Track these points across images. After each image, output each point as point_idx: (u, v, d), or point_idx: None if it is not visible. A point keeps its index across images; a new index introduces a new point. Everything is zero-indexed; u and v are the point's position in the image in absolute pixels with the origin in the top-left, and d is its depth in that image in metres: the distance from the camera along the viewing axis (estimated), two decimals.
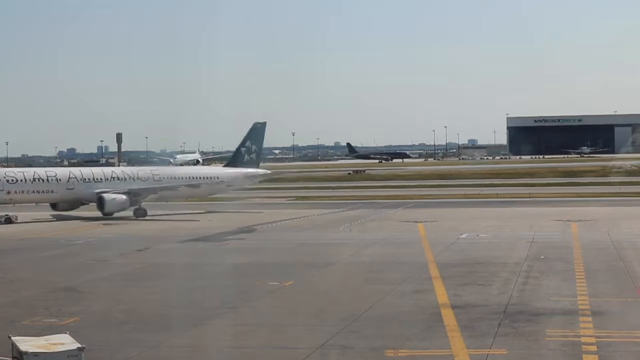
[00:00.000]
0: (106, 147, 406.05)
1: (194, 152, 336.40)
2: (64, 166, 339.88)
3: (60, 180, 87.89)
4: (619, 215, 76.34)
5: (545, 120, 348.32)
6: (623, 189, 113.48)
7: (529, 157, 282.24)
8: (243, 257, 52.38)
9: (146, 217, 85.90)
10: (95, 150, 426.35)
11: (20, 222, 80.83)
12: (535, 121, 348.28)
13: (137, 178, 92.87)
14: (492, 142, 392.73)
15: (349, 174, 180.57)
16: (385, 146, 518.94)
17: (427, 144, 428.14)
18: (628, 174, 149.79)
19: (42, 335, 24.15)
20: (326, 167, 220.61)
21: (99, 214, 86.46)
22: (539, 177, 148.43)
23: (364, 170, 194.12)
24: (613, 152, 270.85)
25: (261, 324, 31.71)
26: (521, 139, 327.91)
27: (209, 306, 35.69)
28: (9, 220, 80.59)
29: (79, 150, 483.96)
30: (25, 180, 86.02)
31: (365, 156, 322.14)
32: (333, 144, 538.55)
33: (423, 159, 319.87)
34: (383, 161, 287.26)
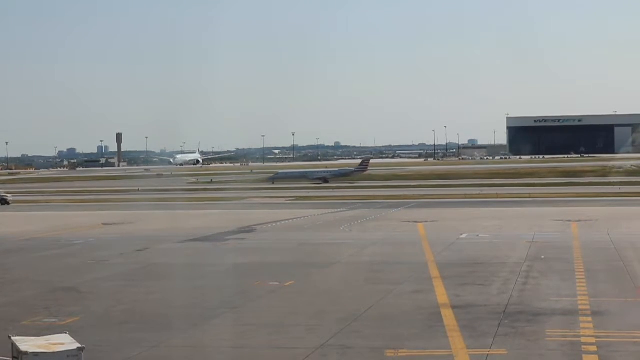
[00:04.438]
0: (106, 147, 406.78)
1: (194, 152, 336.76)
2: (64, 166, 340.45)
3: None
4: (619, 215, 76.32)
5: (546, 121, 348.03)
6: (623, 189, 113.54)
7: (529, 157, 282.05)
8: (243, 257, 52.39)
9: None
10: (95, 150, 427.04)
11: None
12: (536, 121, 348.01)
13: None
14: (492, 142, 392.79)
15: None
16: (385, 146, 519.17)
17: (427, 144, 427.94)
18: (628, 174, 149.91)
19: (42, 335, 24.16)
20: (326, 167, 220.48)
21: None
22: (539, 177, 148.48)
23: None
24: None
25: (261, 324, 31.72)
26: (521, 139, 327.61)
27: (209, 306, 35.69)
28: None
29: (79, 150, 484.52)
30: None
31: None
32: (333, 144, 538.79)
33: (423, 159, 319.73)
34: None
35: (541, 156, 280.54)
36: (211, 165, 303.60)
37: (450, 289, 38.39)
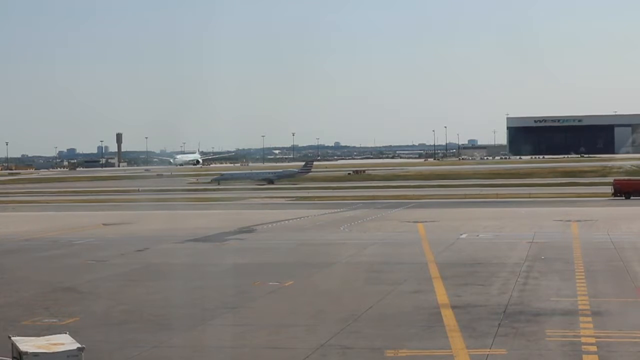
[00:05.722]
0: (106, 147, 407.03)
1: (194, 152, 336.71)
2: (64, 167, 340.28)
3: None
4: (619, 215, 76.32)
5: (546, 121, 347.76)
6: None
7: (529, 157, 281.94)
8: (243, 257, 52.37)
9: None
10: (95, 150, 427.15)
11: None
12: (536, 121, 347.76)
13: None
14: (492, 142, 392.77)
15: (349, 174, 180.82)
16: (386, 146, 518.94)
17: (427, 144, 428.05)
18: (628, 174, 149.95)
19: (42, 335, 24.16)
20: (326, 167, 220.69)
21: None
22: (539, 178, 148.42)
23: (364, 171, 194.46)
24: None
25: (261, 324, 31.71)
26: (521, 139, 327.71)
27: (209, 306, 35.67)
28: None
29: (79, 150, 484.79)
30: None
31: None
32: (333, 144, 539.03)
33: (423, 159, 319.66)
34: None
35: (541, 156, 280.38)
36: (211, 166, 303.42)
37: (450, 289, 38.38)
